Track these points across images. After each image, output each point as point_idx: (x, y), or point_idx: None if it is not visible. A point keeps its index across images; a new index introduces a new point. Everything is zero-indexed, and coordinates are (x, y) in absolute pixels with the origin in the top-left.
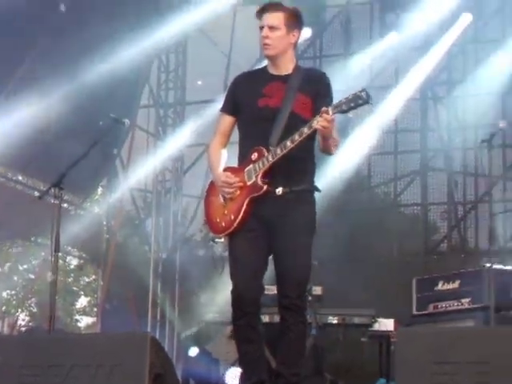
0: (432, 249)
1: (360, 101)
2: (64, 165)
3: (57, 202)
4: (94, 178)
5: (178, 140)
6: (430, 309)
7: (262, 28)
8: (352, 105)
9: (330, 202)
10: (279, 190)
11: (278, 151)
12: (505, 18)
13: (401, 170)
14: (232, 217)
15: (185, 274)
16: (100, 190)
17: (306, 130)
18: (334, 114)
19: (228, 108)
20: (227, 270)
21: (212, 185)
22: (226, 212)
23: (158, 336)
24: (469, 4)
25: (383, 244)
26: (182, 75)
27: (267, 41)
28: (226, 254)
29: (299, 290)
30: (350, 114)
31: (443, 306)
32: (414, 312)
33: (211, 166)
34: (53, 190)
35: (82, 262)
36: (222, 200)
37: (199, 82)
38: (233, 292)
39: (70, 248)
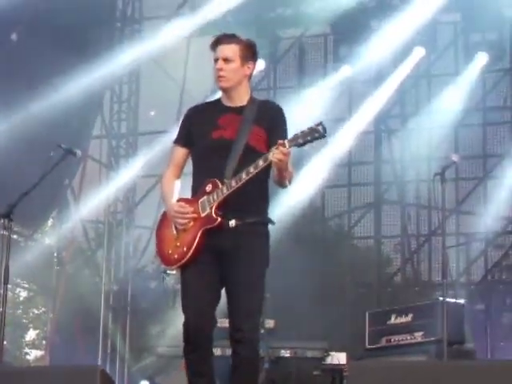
0: (385, 282)
1: (316, 134)
2: (14, 196)
3: (6, 233)
4: (45, 209)
5: (131, 171)
6: (383, 342)
7: (216, 60)
8: (308, 138)
9: (283, 234)
10: (232, 223)
11: (233, 183)
12: (457, 51)
13: (354, 203)
14: (185, 249)
15: (136, 305)
16: (51, 221)
17: (261, 163)
18: (290, 147)
19: (181, 140)
20: (179, 302)
21: (164, 216)
22: (178, 244)
23: (108, 369)
24: (422, 38)
25: (336, 276)
26: (134, 106)
27: (222, 73)
28: (178, 286)
29: (252, 323)
30: (306, 147)
31: (396, 339)
32: (367, 345)
33: (164, 196)
34: (2, 221)
35: (31, 293)
36: (174, 231)
37: (152, 113)
38: (185, 325)
39: (19, 280)
